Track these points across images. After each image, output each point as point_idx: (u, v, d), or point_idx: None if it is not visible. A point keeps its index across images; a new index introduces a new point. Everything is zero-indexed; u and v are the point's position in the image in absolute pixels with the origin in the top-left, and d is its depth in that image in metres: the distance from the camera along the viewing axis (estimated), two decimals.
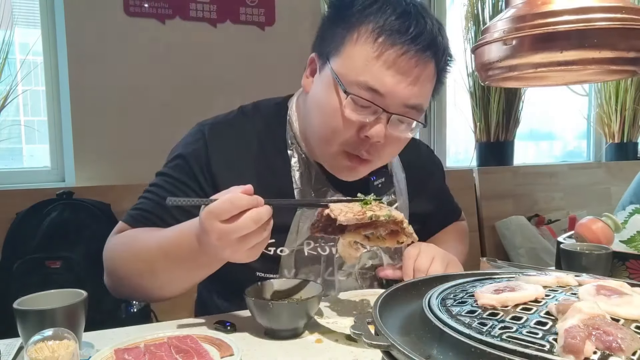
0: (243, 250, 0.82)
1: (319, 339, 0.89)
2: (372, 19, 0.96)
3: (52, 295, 0.83)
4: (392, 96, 0.95)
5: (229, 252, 0.83)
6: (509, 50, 0.83)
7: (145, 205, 1.04)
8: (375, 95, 0.95)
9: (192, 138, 1.09)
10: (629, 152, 3.48)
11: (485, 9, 2.84)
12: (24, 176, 2.18)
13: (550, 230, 2.79)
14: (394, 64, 0.94)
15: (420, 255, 1.06)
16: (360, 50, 0.95)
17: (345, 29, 0.98)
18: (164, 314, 1.86)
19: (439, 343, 0.52)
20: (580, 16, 0.77)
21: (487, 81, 0.94)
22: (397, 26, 0.94)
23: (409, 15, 0.96)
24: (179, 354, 0.78)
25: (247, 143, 1.09)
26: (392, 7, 0.96)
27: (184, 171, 1.05)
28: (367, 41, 0.95)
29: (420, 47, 0.94)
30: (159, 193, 1.03)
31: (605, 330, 0.46)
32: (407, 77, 0.95)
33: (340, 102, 0.96)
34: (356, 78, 0.95)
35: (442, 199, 1.36)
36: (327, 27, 1.03)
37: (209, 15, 2.33)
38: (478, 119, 2.93)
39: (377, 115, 0.96)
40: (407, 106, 0.97)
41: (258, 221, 0.81)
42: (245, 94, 1.39)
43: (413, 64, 0.95)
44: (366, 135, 0.97)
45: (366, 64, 0.95)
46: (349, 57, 0.96)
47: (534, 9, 0.81)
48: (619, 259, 1.04)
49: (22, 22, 2.21)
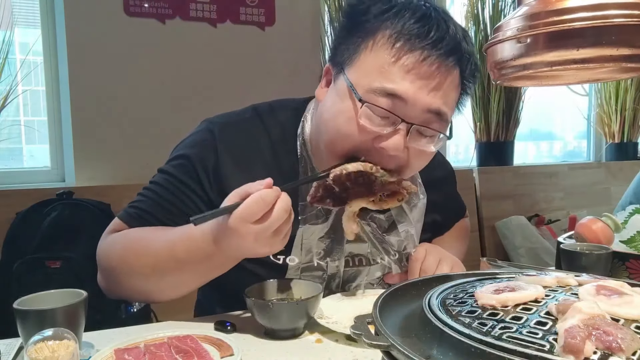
0: (278, 241, 0.85)
1: (319, 339, 0.89)
2: (389, 24, 0.89)
3: (52, 295, 0.82)
4: (412, 102, 0.88)
5: (267, 249, 0.85)
6: (523, 48, 0.82)
7: (144, 205, 1.01)
8: (393, 102, 0.88)
9: (200, 137, 1.04)
10: (629, 152, 3.48)
11: (485, 9, 2.85)
12: (24, 176, 2.18)
13: (550, 230, 2.79)
14: (413, 69, 0.87)
15: (427, 258, 1.06)
16: (376, 57, 0.89)
17: (361, 37, 0.92)
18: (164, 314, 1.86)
19: (439, 343, 0.52)
20: (597, 13, 0.76)
21: (499, 80, 0.93)
22: (416, 30, 0.88)
23: (430, 19, 0.89)
24: (179, 354, 0.78)
25: (260, 149, 1.04)
26: (410, 11, 0.90)
27: (188, 173, 1.00)
28: (384, 47, 0.89)
29: (442, 52, 0.87)
30: (158, 192, 1.01)
31: (605, 330, 0.46)
32: (429, 83, 0.88)
33: (355, 111, 0.89)
34: (372, 85, 0.88)
35: (452, 204, 1.35)
36: (342, 37, 0.97)
37: (209, 15, 2.33)
38: (478, 119, 2.93)
39: (395, 126, 0.89)
40: (429, 113, 0.90)
41: (287, 209, 0.82)
42: (245, 94, 1.40)
43: (435, 69, 0.88)
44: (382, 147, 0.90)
45: (383, 70, 0.88)
46: (365, 65, 0.90)
47: (548, 6, 0.80)
48: (619, 259, 1.04)
49: (22, 22, 2.21)
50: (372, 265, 1.10)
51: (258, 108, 1.09)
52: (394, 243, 1.10)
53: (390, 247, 1.10)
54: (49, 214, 1.76)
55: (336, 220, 1.03)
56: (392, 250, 1.11)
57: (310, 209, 1.02)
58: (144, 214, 1.00)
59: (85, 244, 1.74)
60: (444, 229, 1.31)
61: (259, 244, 0.83)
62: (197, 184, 1.00)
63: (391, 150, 0.90)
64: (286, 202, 0.82)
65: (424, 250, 1.08)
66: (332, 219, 1.03)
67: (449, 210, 1.30)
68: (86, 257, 1.71)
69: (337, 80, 0.95)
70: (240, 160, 1.02)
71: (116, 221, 1.03)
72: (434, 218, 1.22)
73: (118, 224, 1.02)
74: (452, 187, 1.33)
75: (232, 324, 0.93)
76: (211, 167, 1.00)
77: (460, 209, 1.39)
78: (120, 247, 0.98)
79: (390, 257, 1.10)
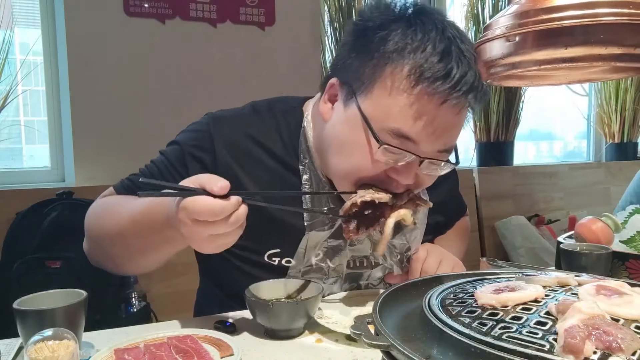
0: (211, 246, 0.81)
1: (319, 339, 0.89)
2: (409, 57, 0.84)
3: (52, 295, 0.82)
4: (426, 145, 0.88)
5: (196, 245, 0.81)
6: (511, 47, 0.81)
7: (136, 178, 1.05)
8: (408, 142, 0.87)
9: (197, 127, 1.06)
10: (629, 152, 3.48)
11: (485, 9, 2.85)
12: (24, 176, 2.18)
13: (550, 230, 2.79)
14: (433, 115, 0.85)
15: (428, 258, 1.06)
16: (395, 96, 0.85)
17: (377, 66, 0.87)
18: (164, 314, 1.86)
19: (439, 343, 0.52)
20: (586, 11, 0.75)
21: (489, 79, 0.92)
22: (438, 71, 0.83)
23: (451, 56, 0.84)
24: (179, 354, 0.78)
25: (257, 146, 1.04)
26: (432, 44, 0.84)
27: (177, 157, 1.03)
28: (404, 86, 0.84)
29: (461, 94, 0.84)
30: (151, 170, 1.04)
31: (605, 330, 0.46)
32: (445, 126, 0.88)
33: (370, 147, 0.88)
34: (388, 124, 0.86)
35: (454, 204, 1.34)
36: (352, 57, 0.91)
37: (209, 15, 2.33)
38: (478, 119, 2.93)
39: (408, 160, 0.89)
40: (440, 151, 0.91)
41: (234, 224, 0.78)
42: (245, 94, 1.39)
43: (452, 112, 0.86)
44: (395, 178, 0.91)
45: (400, 112, 0.85)
46: (381, 101, 0.87)
47: (537, 4, 0.80)
48: (618, 259, 1.04)
49: (22, 22, 2.21)
50: (374, 268, 1.10)
51: (256, 105, 1.09)
52: (396, 245, 1.10)
53: (394, 249, 1.10)
54: (49, 214, 1.77)
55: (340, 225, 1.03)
56: (395, 252, 1.11)
57: (317, 215, 1.01)
58: (133, 185, 1.04)
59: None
60: (446, 228, 1.31)
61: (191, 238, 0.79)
62: (183, 169, 1.02)
63: (403, 181, 0.91)
64: (237, 219, 0.78)
65: (425, 250, 1.09)
66: (337, 224, 1.03)
67: (450, 209, 1.30)
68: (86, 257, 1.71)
69: (348, 104, 0.92)
70: (237, 153, 1.02)
71: (109, 189, 1.09)
72: (437, 219, 1.22)
73: (110, 191, 1.08)
74: (453, 185, 1.31)
75: (232, 324, 0.93)
76: (200, 157, 1.02)
77: (461, 208, 1.39)
78: (100, 207, 1.05)
79: (392, 259, 1.11)
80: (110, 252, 1.00)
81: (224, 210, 0.76)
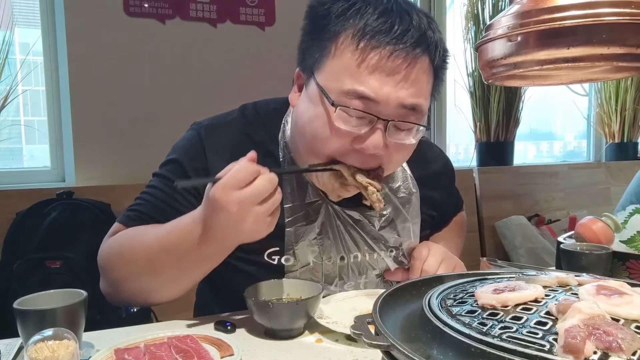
0: (264, 216, 0.82)
1: (319, 339, 0.89)
2: (351, 23, 0.88)
3: (52, 295, 0.83)
4: (384, 101, 0.87)
5: (251, 222, 0.82)
6: (513, 47, 0.81)
7: (142, 207, 1.01)
8: (366, 102, 0.87)
9: (188, 141, 1.05)
10: (629, 152, 3.48)
11: (485, 9, 2.85)
12: (24, 176, 2.18)
13: (550, 230, 2.79)
14: (380, 67, 0.86)
15: (429, 258, 1.06)
16: (343, 59, 0.88)
17: (326, 39, 0.91)
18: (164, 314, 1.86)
19: (439, 343, 0.52)
20: (588, 11, 0.75)
21: (490, 79, 0.92)
22: (378, 26, 0.86)
23: (391, 13, 0.88)
24: (179, 354, 0.78)
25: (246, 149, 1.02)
26: (371, 7, 0.88)
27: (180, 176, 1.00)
28: (349, 48, 0.88)
29: (408, 45, 0.86)
30: (155, 194, 1.01)
31: (605, 330, 0.46)
32: (399, 78, 0.87)
33: (329, 115, 0.89)
34: (342, 88, 0.88)
35: (451, 200, 1.34)
36: (307, 41, 0.96)
37: (209, 15, 2.33)
38: (478, 119, 2.93)
39: (372, 125, 0.89)
40: (404, 108, 0.89)
41: (272, 181, 0.82)
42: (245, 94, 1.39)
43: (403, 64, 0.87)
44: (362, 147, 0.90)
45: (351, 72, 0.88)
46: (333, 68, 0.90)
47: (539, 4, 0.80)
48: (619, 259, 1.04)
49: (22, 22, 2.21)
50: (369, 261, 1.10)
51: (245, 108, 1.11)
52: (389, 239, 1.11)
53: (385, 242, 1.11)
54: (49, 214, 1.77)
55: (326, 220, 1.04)
56: (388, 246, 1.11)
57: (297, 210, 1.03)
58: (142, 215, 1.01)
59: (85, 244, 1.74)
60: (443, 224, 1.31)
61: (242, 213, 0.80)
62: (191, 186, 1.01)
63: (371, 149, 0.90)
64: (272, 176, 0.82)
65: (427, 249, 1.08)
66: (320, 219, 1.04)
67: (447, 205, 1.30)
68: (86, 257, 1.71)
69: (309, 85, 0.95)
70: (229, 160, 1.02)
71: (116, 225, 1.04)
72: (433, 214, 1.22)
73: (118, 227, 1.03)
74: (449, 181, 1.30)
75: (232, 324, 0.93)
76: (202, 168, 1.01)
77: (458, 203, 1.39)
78: (118, 245, 0.99)
79: (386, 253, 1.11)
80: (139, 285, 0.96)
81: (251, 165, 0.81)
